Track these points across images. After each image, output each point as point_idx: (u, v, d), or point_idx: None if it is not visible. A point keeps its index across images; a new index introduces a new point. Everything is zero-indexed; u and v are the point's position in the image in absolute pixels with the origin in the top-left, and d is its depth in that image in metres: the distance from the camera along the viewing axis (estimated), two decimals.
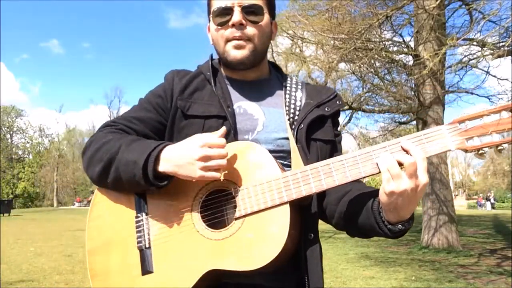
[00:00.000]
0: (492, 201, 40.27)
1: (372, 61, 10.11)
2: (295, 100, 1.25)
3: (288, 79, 1.31)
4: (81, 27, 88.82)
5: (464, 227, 15.68)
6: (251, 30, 1.18)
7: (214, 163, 1.00)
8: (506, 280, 6.31)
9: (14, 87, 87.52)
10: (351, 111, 13.95)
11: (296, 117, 1.21)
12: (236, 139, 1.15)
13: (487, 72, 8.90)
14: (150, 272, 1.08)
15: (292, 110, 1.22)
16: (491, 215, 25.21)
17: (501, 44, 7.76)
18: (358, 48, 8.51)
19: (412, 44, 10.03)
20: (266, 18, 1.21)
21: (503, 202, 44.31)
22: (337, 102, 1.27)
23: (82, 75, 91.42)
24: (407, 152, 0.96)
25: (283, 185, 1.02)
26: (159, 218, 1.10)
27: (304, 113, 1.21)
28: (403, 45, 10.33)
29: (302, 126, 1.19)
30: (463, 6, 8.82)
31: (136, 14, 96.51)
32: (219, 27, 1.20)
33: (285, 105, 1.23)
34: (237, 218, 1.03)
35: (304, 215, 1.13)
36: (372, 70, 10.76)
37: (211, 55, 1.32)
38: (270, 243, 0.98)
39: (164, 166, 1.03)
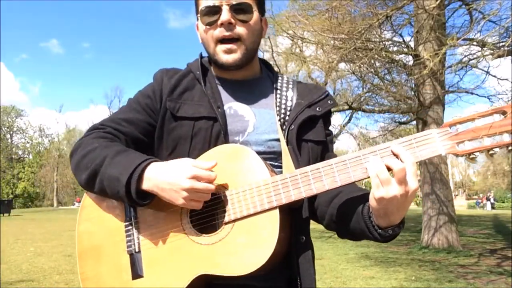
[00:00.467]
0: (492, 201, 40.24)
1: (372, 61, 10.10)
2: (286, 100, 1.23)
3: (279, 78, 1.29)
4: (80, 27, 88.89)
5: (464, 227, 15.67)
6: (240, 29, 1.15)
7: (199, 196, 0.99)
8: (506, 280, 6.31)
9: (14, 87, 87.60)
10: (351, 111, 13.96)
11: (287, 117, 1.19)
12: (226, 140, 1.14)
13: (487, 72, 8.89)
14: (140, 276, 1.07)
15: (283, 111, 1.21)
16: (491, 215, 25.21)
17: (501, 44, 7.76)
18: (358, 48, 8.50)
19: (412, 44, 10.02)
20: (255, 15, 1.18)
21: (503, 202, 44.27)
22: (329, 102, 1.25)
23: (82, 75, 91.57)
24: (397, 156, 0.94)
25: (273, 190, 1.01)
26: (149, 222, 1.09)
27: (295, 113, 1.19)
28: (403, 45, 10.33)
29: (293, 127, 1.17)
30: (463, 6, 8.81)
31: (135, 14, 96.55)
32: (208, 27, 1.17)
33: (276, 106, 1.21)
34: (226, 223, 1.03)
35: (294, 217, 1.12)
36: (372, 70, 10.75)
37: (201, 53, 1.29)
38: (260, 248, 0.97)
39: (148, 185, 1.02)
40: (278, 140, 1.17)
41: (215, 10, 1.14)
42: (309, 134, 1.20)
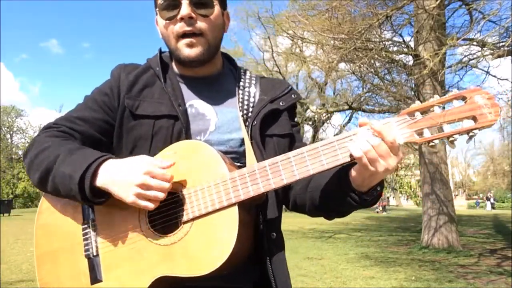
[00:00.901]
0: (492, 201, 40.26)
1: (372, 61, 10.10)
2: (249, 96, 1.20)
3: (242, 74, 1.26)
4: (80, 27, 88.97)
5: (464, 227, 15.67)
6: (202, 24, 1.11)
7: (152, 193, 0.96)
8: (506, 280, 6.31)
9: (13, 87, 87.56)
10: (351, 111, 13.96)
11: (250, 113, 1.17)
12: (187, 139, 1.10)
13: (487, 72, 8.89)
14: (99, 281, 1.05)
15: (246, 107, 1.18)
16: (491, 215, 25.22)
17: (501, 44, 7.77)
18: (358, 48, 8.50)
19: (412, 44, 10.02)
20: (216, 9, 1.14)
21: (503, 202, 44.34)
22: (292, 96, 1.23)
23: (81, 75, 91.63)
24: (378, 134, 0.92)
25: (231, 186, 0.98)
26: (106, 224, 1.06)
27: (258, 109, 1.16)
28: (403, 45, 10.33)
29: (255, 122, 1.15)
30: (463, 6, 8.82)
31: (135, 13, 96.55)
32: (168, 22, 1.12)
33: (239, 103, 1.19)
34: (185, 222, 1.00)
35: (263, 213, 1.10)
36: (372, 70, 10.75)
37: (160, 48, 1.26)
38: (219, 247, 0.95)
39: (100, 181, 0.99)
40: (241, 139, 1.15)
41: (174, 4, 1.10)
42: (273, 128, 1.18)
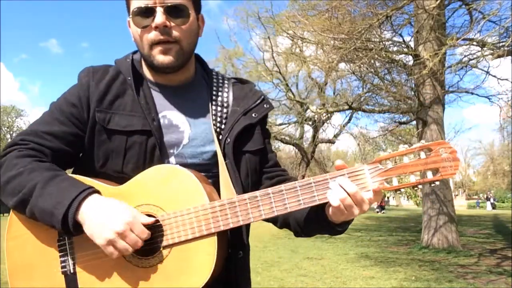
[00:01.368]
0: (492, 201, 40.24)
1: (372, 61, 10.10)
2: (222, 106, 1.19)
3: (214, 79, 1.24)
4: (79, 27, 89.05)
5: (464, 227, 15.67)
6: (176, 33, 1.08)
7: (121, 245, 0.95)
8: (506, 280, 6.31)
9: (13, 87, 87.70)
10: (351, 111, 13.96)
11: (223, 125, 1.17)
12: (162, 154, 1.10)
13: (487, 72, 8.91)
14: None
15: (219, 119, 1.17)
16: (491, 215, 25.21)
17: (501, 44, 7.78)
18: (358, 48, 8.50)
19: (412, 44, 10.03)
20: (192, 16, 1.11)
21: (503, 202, 44.33)
22: (265, 106, 1.22)
23: None
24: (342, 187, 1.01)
25: (211, 216, 1.01)
26: (84, 241, 1.02)
27: (230, 124, 1.15)
28: (403, 45, 10.33)
29: (229, 140, 1.14)
30: (463, 6, 8.83)
31: None
32: (142, 30, 1.08)
33: (212, 115, 1.17)
34: (164, 247, 1.02)
35: (233, 234, 1.11)
36: (372, 70, 10.75)
37: (132, 52, 1.22)
38: (197, 273, 0.98)
39: (82, 218, 0.97)
40: (213, 151, 1.15)
41: (148, 11, 1.06)
42: (246, 145, 1.18)
